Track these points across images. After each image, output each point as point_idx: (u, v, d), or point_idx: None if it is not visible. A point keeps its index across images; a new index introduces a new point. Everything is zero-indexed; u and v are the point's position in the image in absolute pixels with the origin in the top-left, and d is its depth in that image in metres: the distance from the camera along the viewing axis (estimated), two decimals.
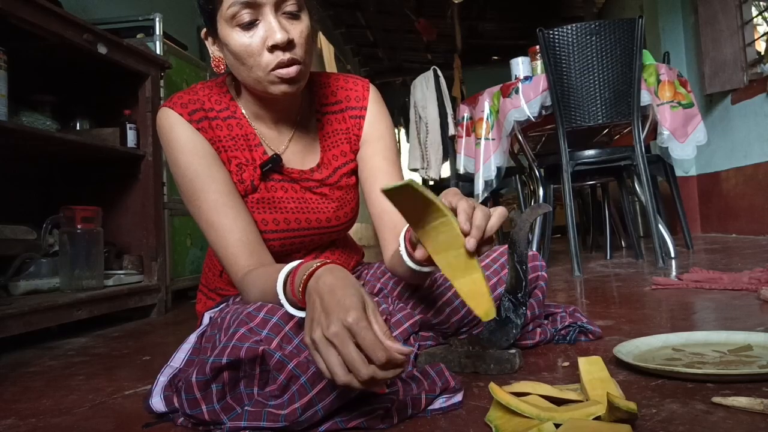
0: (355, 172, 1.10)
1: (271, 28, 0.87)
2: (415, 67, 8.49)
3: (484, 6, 7.39)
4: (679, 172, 3.69)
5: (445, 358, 1.03)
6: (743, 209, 3.92)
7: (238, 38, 0.89)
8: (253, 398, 0.77)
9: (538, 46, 2.60)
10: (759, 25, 4.05)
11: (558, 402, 0.78)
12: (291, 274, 0.79)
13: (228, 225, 0.94)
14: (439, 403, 0.80)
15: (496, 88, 2.75)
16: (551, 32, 2.50)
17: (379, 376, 0.63)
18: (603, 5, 6.92)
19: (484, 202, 2.76)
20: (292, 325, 0.82)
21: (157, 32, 2.60)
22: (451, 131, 3.22)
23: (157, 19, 2.61)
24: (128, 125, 2.21)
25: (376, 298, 1.07)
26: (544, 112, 2.60)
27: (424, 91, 3.34)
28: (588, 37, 2.48)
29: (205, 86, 1.02)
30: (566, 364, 1.02)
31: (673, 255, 2.71)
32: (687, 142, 2.59)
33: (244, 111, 1.02)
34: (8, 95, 1.70)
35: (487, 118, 2.76)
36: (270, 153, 1.01)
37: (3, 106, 1.68)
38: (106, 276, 2.09)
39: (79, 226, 1.97)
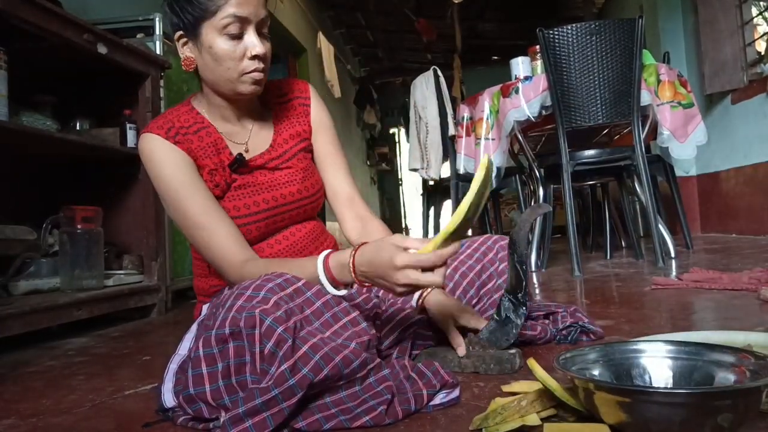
0: (310, 150, 1.24)
1: (255, 42, 1.05)
2: (415, 67, 8.48)
3: (483, 6, 7.39)
4: (679, 172, 3.68)
5: (445, 358, 1.04)
6: (743, 209, 3.92)
7: (224, 44, 1.04)
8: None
9: (538, 46, 2.60)
10: (759, 25, 4.05)
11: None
12: (325, 259, 0.95)
13: (216, 223, 1.05)
14: (439, 398, 0.85)
15: (496, 88, 2.75)
16: (551, 32, 2.50)
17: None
18: (603, 5, 6.92)
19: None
20: (289, 291, 0.85)
21: (157, 32, 2.60)
22: (451, 131, 3.21)
23: (157, 19, 2.60)
24: (128, 125, 2.21)
25: (367, 295, 1.12)
26: (544, 112, 2.60)
27: (424, 91, 3.33)
28: (588, 37, 2.48)
29: (173, 111, 1.15)
30: None
31: (672, 255, 2.71)
32: (687, 142, 2.59)
33: (210, 119, 1.15)
34: (8, 95, 1.70)
35: (487, 118, 2.76)
36: (236, 151, 1.14)
37: (3, 106, 1.68)
38: (106, 276, 2.09)
39: (79, 226, 1.97)
